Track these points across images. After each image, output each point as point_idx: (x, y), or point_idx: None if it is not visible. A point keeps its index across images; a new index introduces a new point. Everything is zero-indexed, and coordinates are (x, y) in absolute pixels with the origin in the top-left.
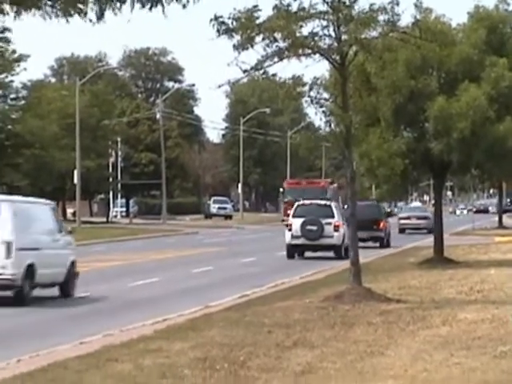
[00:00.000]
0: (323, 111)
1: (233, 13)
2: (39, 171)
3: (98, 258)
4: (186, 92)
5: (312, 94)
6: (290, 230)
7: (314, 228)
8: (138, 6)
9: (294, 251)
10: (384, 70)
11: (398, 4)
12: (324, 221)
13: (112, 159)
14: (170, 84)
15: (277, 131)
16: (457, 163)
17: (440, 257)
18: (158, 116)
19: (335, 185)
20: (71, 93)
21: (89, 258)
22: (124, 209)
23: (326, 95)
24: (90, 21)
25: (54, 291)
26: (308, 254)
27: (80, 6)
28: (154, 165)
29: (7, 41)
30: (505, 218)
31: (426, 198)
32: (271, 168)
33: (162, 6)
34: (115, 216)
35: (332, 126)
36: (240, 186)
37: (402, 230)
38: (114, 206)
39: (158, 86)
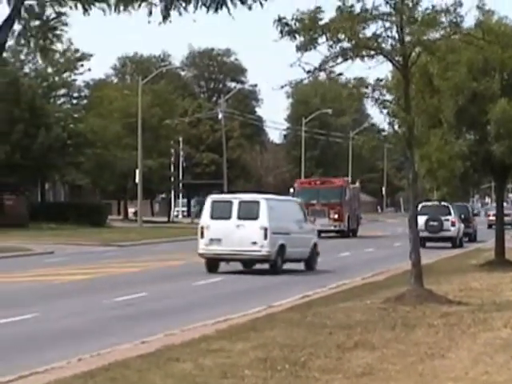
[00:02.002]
0: (386, 112)
1: (296, 14)
2: (101, 170)
3: (160, 258)
4: (248, 92)
5: (375, 95)
6: None
7: (436, 223)
8: (203, 9)
9: (420, 242)
10: (447, 71)
11: (461, 5)
12: (443, 218)
13: (173, 159)
14: (233, 84)
15: (339, 132)
16: None
17: (501, 259)
18: (219, 116)
19: (357, 184)
20: (133, 92)
21: (150, 258)
22: (185, 208)
23: (388, 96)
24: (150, 19)
25: (300, 265)
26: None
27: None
28: (216, 165)
29: (63, 24)
30: None
31: (487, 200)
32: (333, 169)
33: (228, 7)
34: (176, 216)
35: (394, 127)
36: None
37: (490, 226)
38: (175, 206)
39: (221, 86)
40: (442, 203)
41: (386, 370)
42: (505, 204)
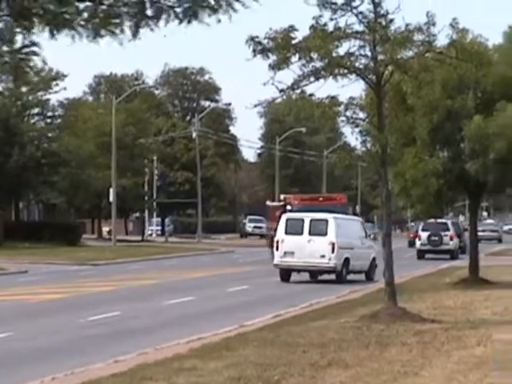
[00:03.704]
0: (359, 131)
1: (269, 33)
2: (75, 189)
3: (134, 277)
4: (222, 111)
5: (348, 113)
6: (418, 239)
7: (436, 238)
8: (176, 22)
9: (422, 254)
10: (420, 89)
11: (434, 24)
12: (443, 233)
13: (148, 178)
14: (207, 103)
15: (313, 150)
16: (492, 183)
17: (475, 277)
18: (194, 135)
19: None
20: (107, 111)
21: (124, 276)
22: (159, 227)
23: (361, 115)
24: (121, 44)
25: (362, 277)
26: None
27: (112, 26)
28: (190, 183)
29: (35, 54)
30: None
31: (461, 218)
32: (307, 187)
33: (199, 18)
34: (150, 234)
35: (368, 145)
36: None
37: (478, 241)
38: (149, 225)
39: (195, 105)
40: (441, 220)
41: None
42: (490, 221)
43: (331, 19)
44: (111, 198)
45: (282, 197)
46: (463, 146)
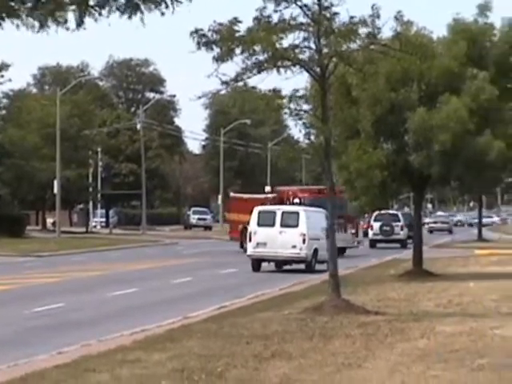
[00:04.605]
0: (303, 123)
1: (213, 25)
2: (20, 180)
3: (78, 268)
4: (166, 103)
5: (292, 105)
6: (371, 229)
7: (388, 228)
8: (117, 14)
9: (375, 243)
10: (365, 82)
11: (378, 17)
12: (394, 224)
13: (92, 169)
14: (152, 95)
15: (257, 142)
16: (436, 176)
17: (419, 269)
18: (138, 126)
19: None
20: (52, 102)
21: (69, 268)
22: (104, 219)
23: (306, 107)
24: (67, 29)
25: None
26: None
27: (59, 14)
28: (135, 175)
29: None
30: (484, 230)
31: (406, 210)
32: (252, 179)
33: (142, 13)
34: (95, 226)
35: (312, 138)
36: (220, 197)
37: (430, 231)
38: (93, 216)
39: (140, 96)
40: (392, 212)
41: (303, 381)
42: (441, 213)
43: (275, 11)
44: (55, 190)
45: (267, 189)
46: (407, 138)
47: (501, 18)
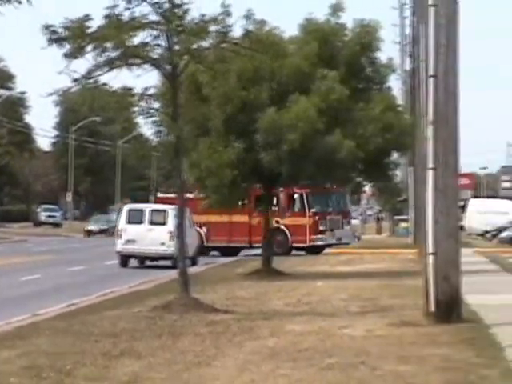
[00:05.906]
0: (153, 121)
1: (64, 22)
2: None
3: None
4: (16, 99)
5: (142, 103)
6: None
7: None
8: None
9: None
10: (216, 80)
11: (229, 15)
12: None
13: None
14: (1, 91)
15: (108, 140)
16: (286, 174)
17: (268, 268)
18: None
19: None
20: None
21: None
22: None
23: (157, 105)
24: None
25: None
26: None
27: None
28: None
29: None
30: None
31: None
32: (102, 177)
33: None
34: None
35: (161, 135)
36: (70, 194)
37: None
38: None
39: None
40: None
41: (152, 379)
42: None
43: (126, 9)
44: None
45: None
46: (257, 137)
47: (353, 18)
